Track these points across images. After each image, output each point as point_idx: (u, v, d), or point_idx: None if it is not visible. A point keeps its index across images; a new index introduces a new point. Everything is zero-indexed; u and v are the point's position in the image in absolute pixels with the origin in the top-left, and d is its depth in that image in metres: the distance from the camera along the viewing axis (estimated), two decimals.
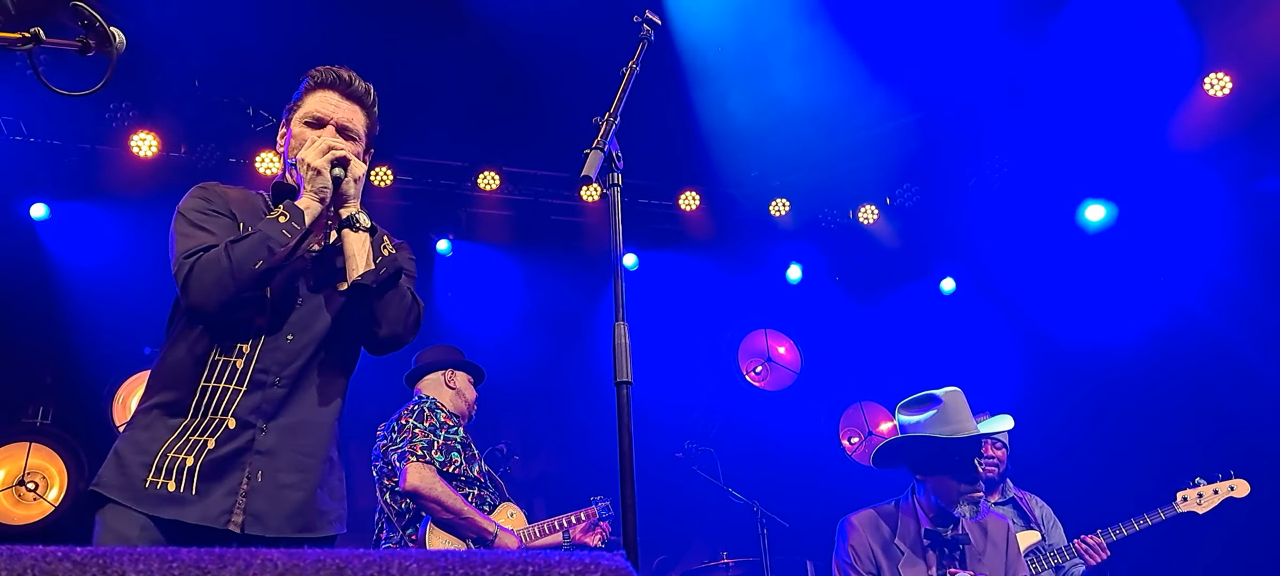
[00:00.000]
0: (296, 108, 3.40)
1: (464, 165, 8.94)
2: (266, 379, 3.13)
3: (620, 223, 3.12)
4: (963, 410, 4.97)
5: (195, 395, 3.06)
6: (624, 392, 2.90)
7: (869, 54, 7.88)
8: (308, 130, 3.34)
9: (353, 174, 3.28)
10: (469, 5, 7.40)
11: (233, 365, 3.10)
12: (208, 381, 3.08)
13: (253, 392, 3.10)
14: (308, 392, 3.23)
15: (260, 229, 3.08)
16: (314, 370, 3.25)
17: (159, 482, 2.95)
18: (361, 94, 3.44)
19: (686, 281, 9.81)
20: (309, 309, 3.27)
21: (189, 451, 3.00)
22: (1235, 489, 6.42)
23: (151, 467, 2.97)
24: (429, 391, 6.32)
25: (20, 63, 7.44)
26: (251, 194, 3.42)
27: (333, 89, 3.40)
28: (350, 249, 3.26)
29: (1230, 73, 7.98)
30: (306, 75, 3.43)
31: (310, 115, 3.36)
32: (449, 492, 5.74)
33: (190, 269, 3.01)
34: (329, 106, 3.37)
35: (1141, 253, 8.97)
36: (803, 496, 8.76)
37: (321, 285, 3.32)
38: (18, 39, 2.48)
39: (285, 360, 3.17)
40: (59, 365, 8.12)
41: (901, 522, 5.06)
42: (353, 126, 3.40)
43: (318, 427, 3.24)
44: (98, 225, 8.14)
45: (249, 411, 3.09)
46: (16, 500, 7.66)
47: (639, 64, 3.36)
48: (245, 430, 3.07)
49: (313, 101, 3.38)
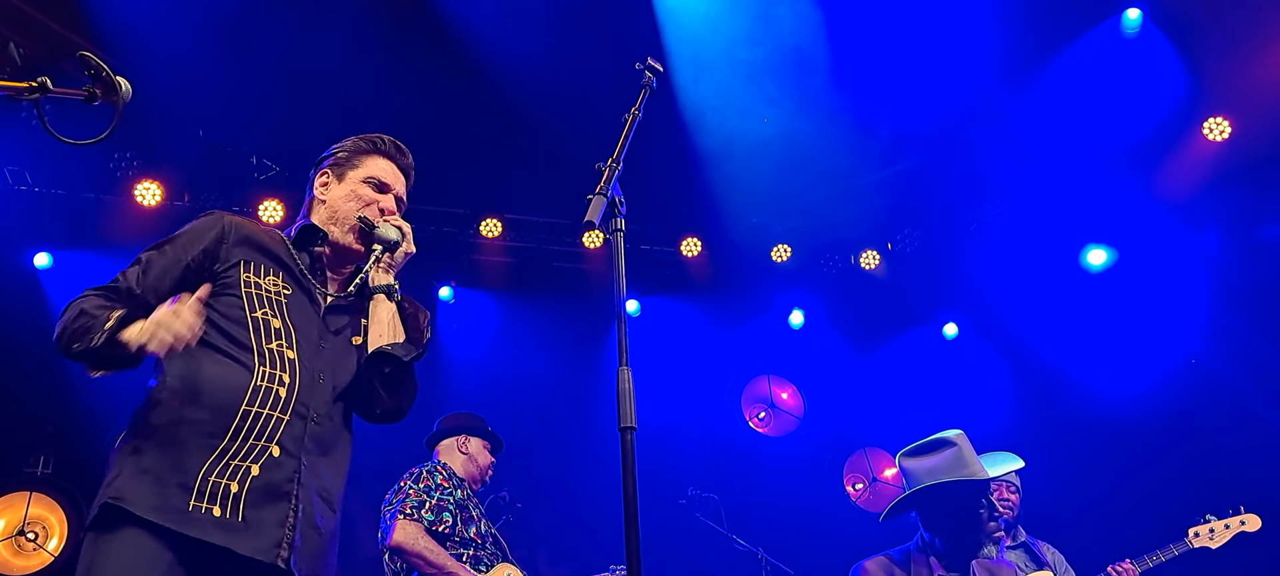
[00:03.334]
0: (351, 164, 3.48)
1: (466, 212, 8.96)
2: (306, 413, 3.08)
3: (623, 267, 3.11)
4: (970, 452, 4.94)
5: (236, 417, 2.94)
6: (628, 438, 2.87)
7: (869, 100, 7.92)
8: (370, 191, 3.43)
9: (406, 249, 3.41)
10: (472, 53, 7.45)
11: (276, 393, 3.02)
12: (252, 405, 2.97)
13: (295, 423, 3.04)
14: (332, 438, 3.19)
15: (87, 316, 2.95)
16: (337, 417, 3.23)
17: (203, 507, 2.81)
18: (410, 169, 3.61)
19: (689, 327, 9.80)
20: (333, 358, 3.24)
21: (231, 477, 2.88)
22: (1246, 523, 6.41)
23: (192, 490, 2.82)
24: (443, 455, 6.46)
25: (25, 113, 7.49)
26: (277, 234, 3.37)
27: (391, 160, 3.53)
28: (380, 315, 3.32)
29: (1229, 117, 8.00)
30: (364, 137, 3.53)
31: (374, 178, 3.45)
32: (434, 548, 5.78)
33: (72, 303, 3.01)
34: (390, 175, 3.50)
35: (1143, 297, 8.97)
36: (807, 544, 8.69)
37: (339, 337, 3.30)
38: (25, 88, 2.50)
39: (320, 401, 3.13)
40: (60, 414, 8.10)
41: (914, 568, 5.02)
42: (403, 199, 3.54)
43: (337, 475, 3.21)
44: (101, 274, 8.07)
45: (293, 442, 3.02)
46: (16, 550, 7.62)
47: (641, 110, 3.37)
48: (289, 459, 3.00)
49: (373, 165, 3.48)
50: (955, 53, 7.65)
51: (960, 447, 4.93)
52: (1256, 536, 6.44)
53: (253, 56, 7.25)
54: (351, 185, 3.42)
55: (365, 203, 3.39)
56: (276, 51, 7.24)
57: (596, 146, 3.29)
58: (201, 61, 7.24)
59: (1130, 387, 8.89)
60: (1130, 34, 7.67)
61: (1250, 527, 6.42)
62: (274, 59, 7.28)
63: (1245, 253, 8.43)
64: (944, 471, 4.88)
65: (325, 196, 3.45)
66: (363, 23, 7.35)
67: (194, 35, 7.04)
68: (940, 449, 4.95)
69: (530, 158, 8.42)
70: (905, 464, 5.07)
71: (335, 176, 3.47)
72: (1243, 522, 6.42)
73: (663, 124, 7.71)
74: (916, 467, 5.01)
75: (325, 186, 3.47)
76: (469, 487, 6.33)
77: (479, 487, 6.53)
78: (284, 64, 7.31)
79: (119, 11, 6.81)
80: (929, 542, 5.02)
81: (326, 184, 3.47)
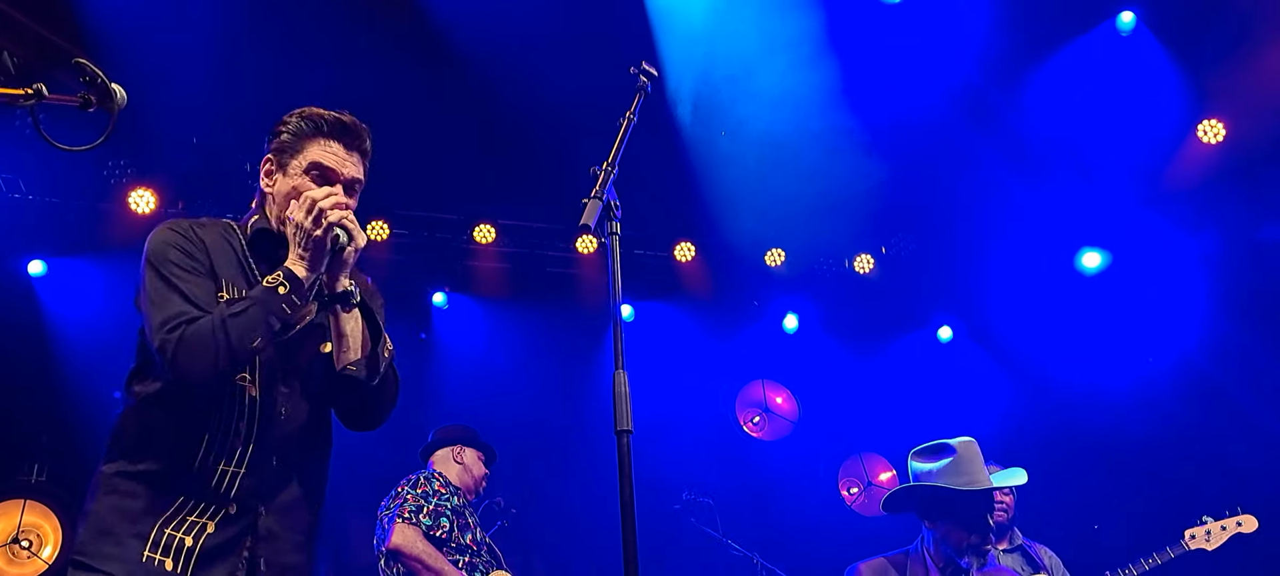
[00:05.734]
0: (292, 150, 3.09)
1: (459, 218, 8.95)
2: (265, 458, 2.96)
3: (619, 270, 3.09)
4: (976, 462, 4.96)
5: (190, 470, 2.87)
6: (624, 442, 2.86)
7: (863, 103, 7.92)
8: (311, 184, 3.04)
9: (356, 244, 3.00)
10: (465, 59, 7.45)
11: (231, 444, 2.91)
12: (206, 458, 2.88)
13: (252, 474, 2.93)
14: (302, 469, 3.09)
15: (257, 300, 2.81)
16: (306, 445, 3.10)
17: (155, 558, 2.79)
18: (368, 148, 3.18)
19: (683, 332, 9.79)
20: (298, 379, 3.07)
21: (187, 531, 2.84)
22: (1243, 525, 6.38)
23: (147, 541, 2.80)
24: (438, 465, 6.55)
25: (19, 121, 7.48)
26: (225, 230, 3.13)
27: (338, 139, 3.10)
28: (343, 328, 3.05)
29: (1223, 120, 8.01)
30: (306, 115, 3.12)
31: (315, 165, 3.06)
32: (432, 553, 5.88)
33: (178, 340, 2.74)
34: (336, 160, 3.08)
35: (1137, 299, 8.98)
36: (801, 548, 8.69)
37: (304, 350, 3.10)
38: (20, 94, 2.49)
39: (281, 438, 3.00)
40: (55, 422, 8.08)
41: (911, 572, 5.04)
42: (358, 184, 3.13)
43: (312, 504, 3.13)
44: (95, 282, 8.14)
45: (249, 494, 2.92)
46: (10, 558, 7.60)
47: (636, 115, 3.36)
48: (245, 514, 2.93)
49: (316, 150, 3.07)
50: (949, 56, 7.67)
51: (963, 454, 4.95)
52: (1253, 537, 6.42)
53: (246, 64, 7.25)
54: (293, 179, 3.05)
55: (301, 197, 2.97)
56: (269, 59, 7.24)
57: (590, 152, 3.27)
58: (195, 69, 7.23)
59: (1125, 389, 8.91)
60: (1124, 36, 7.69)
61: (1247, 529, 6.40)
62: (267, 66, 7.28)
63: (1240, 256, 8.45)
64: (947, 476, 4.90)
65: (270, 189, 3.13)
66: (355, 29, 7.35)
67: (188, 42, 7.04)
68: (947, 454, 4.98)
69: (523, 164, 8.41)
70: (913, 464, 5.11)
71: (278, 164, 3.12)
72: (1239, 524, 6.40)
73: (656, 128, 7.72)
74: (923, 469, 5.04)
75: (269, 175, 3.14)
76: (464, 496, 6.44)
77: (473, 498, 6.65)
78: (277, 71, 7.31)
79: (113, 19, 6.81)
80: (928, 546, 5.04)
81: (271, 172, 3.14)
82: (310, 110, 3.14)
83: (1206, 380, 8.63)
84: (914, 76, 7.81)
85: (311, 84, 7.44)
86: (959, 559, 4.88)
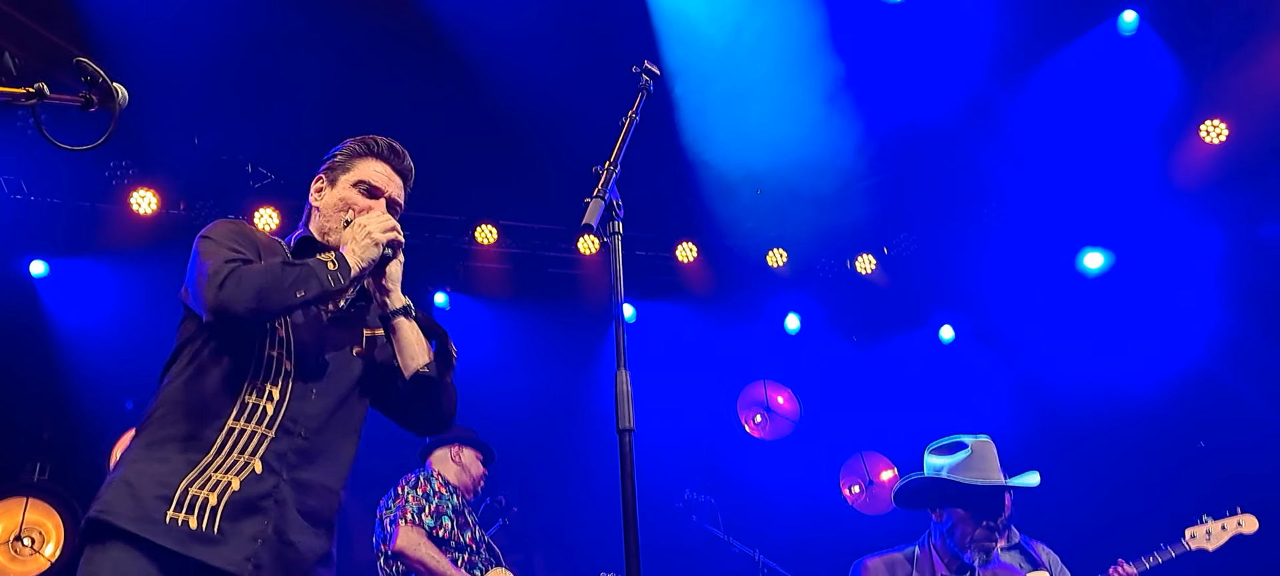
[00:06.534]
0: (344, 168, 3.38)
1: (461, 219, 8.96)
2: (294, 428, 3.07)
3: (621, 269, 3.10)
4: (991, 460, 5.00)
5: (220, 433, 2.97)
6: (626, 441, 2.86)
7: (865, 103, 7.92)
8: (359, 196, 3.33)
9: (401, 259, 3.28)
10: (467, 60, 7.44)
11: (263, 408, 3.03)
12: (237, 421, 2.99)
13: (281, 439, 3.03)
14: (325, 453, 3.17)
15: (307, 264, 3.00)
16: (332, 432, 3.20)
17: (180, 519, 2.84)
18: (408, 172, 3.48)
19: (684, 332, 9.79)
20: (332, 370, 3.21)
21: (211, 489, 2.90)
22: (1243, 525, 6.37)
23: (171, 502, 2.85)
24: (436, 464, 6.59)
25: (20, 122, 7.48)
26: (276, 240, 3.37)
27: (386, 161, 3.41)
28: (407, 337, 3.28)
29: (1226, 120, 8.00)
30: (359, 139, 3.42)
31: (364, 182, 3.35)
32: (435, 554, 5.94)
33: (230, 271, 2.89)
34: (382, 178, 3.38)
35: (1140, 299, 8.97)
36: (803, 546, 8.70)
37: (340, 349, 3.27)
38: (22, 94, 2.49)
39: (311, 415, 3.12)
40: (57, 421, 8.10)
41: (917, 568, 5.05)
42: (398, 206, 3.42)
43: (328, 492, 3.19)
44: (97, 282, 8.15)
45: (276, 458, 3.02)
46: (13, 556, 7.62)
47: (638, 114, 3.37)
48: (270, 475, 3.00)
49: (365, 168, 3.37)
50: (951, 55, 7.66)
51: (978, 452, 4.99)
52: (1254, 538, 6.41)
53: (248, 64, 7.25)
54: (342, 192, 3.34)
55: (354, 211, 3.28)
56: (271, 59, 7.23)
57: (592, 153, 3.27)
58: (197, 69, 7.23)
59: (1126, 389, 8.89)
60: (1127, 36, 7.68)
61: (1247, 529, 6.38)
62: (269, 67, 7.28)
63: (1243, 256, 8.43)
64: (961, 471, 4.93)
65: (319, 203, 3.39)
66: (357, 30, 7.35)
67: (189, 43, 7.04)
68: (961, 449, 5.02)
69: (525, 164, 8.41)
70: (929, 459, 5.16)
71: (329, 181, 3.40)
72: (1239, 524, 6.39)
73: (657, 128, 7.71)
74: (937, 463, 5.06)
75: (320, 192, 3.41)
76: (462, 496, 6.48)
77: (472, 497, 6.68)
78: (278, 72, 7.31)
79: (114, 20, 6.81)
80: (934, 542, 5.06)
81: (321, 190, 3.41)
82: (366, 136, 3.44)
83: (1208, 379, 8.61)
84: (916, 76, 7.80)
85: (313, 85, 7.46)
86: (964, 554, 4.90)
